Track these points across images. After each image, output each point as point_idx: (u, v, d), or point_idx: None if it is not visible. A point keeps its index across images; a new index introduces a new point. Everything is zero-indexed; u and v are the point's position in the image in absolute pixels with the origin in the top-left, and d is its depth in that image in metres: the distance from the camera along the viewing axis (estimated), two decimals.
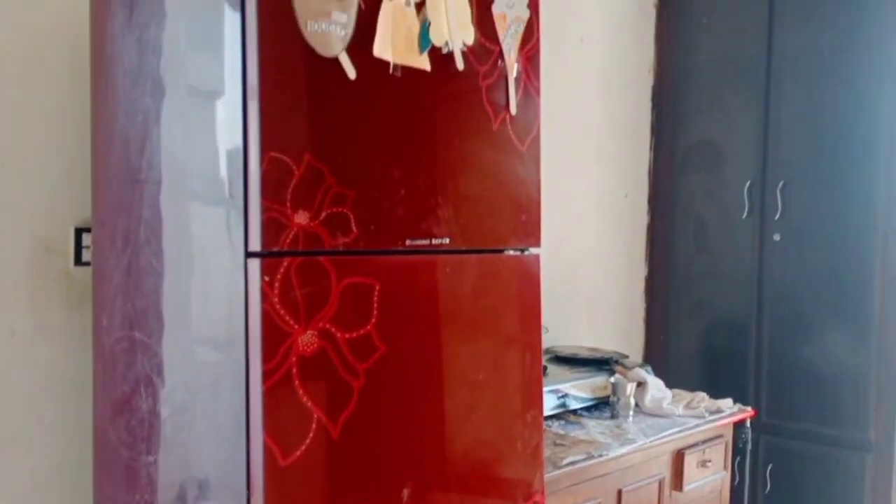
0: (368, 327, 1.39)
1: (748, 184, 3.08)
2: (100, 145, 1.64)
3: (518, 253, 1.66)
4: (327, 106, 1.33)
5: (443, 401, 1.51)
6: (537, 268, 1.68)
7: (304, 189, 1.29)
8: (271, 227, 1.26)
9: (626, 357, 2.84)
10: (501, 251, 1.63)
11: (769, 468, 3.01)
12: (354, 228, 1.36)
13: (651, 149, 3.35)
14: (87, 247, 1.83)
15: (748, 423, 2.69)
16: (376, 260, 1.40)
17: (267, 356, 1.26)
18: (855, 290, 2.88)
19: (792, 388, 3.02)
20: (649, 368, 2.76)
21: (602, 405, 2.55)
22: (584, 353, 2.80)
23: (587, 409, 2.53)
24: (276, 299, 1.27)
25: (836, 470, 2.96)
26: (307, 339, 1.31)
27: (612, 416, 2.46)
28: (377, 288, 1.40)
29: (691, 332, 3.30)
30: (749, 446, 2.70)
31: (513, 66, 1.60)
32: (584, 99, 3.08)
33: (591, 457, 2.09)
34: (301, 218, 1.29)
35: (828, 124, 2.92)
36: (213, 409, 1.38)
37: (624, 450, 2.18)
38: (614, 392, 2.48)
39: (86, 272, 1.84)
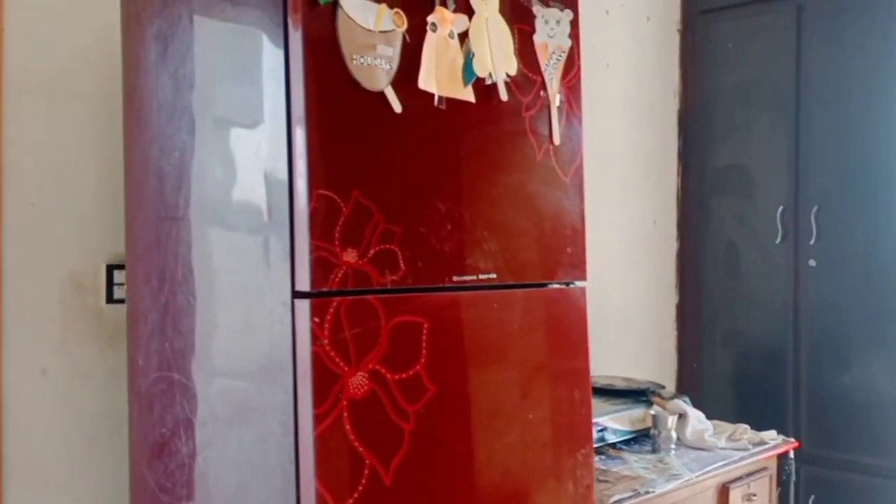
0: (418, 367, 1.34)
1: (781, 209, 3.02)
2: (134, 181, 1.61)
3: (564, 286, 1.61)
4: (373, 141, 1.29)
5: (493, 442, 1.46)
6: (584, 301, 1.63)
7: (353, 226, 1.25)
8: (320, 266, 1.22)
9: (663, 387, 2.77)
10: (547, 285, 1.58)
11: (811, 500, 2.93)
12: (402, 265, 1.32)
13: (678, 174, 3.31)
14: (119, 284, 1.80)
15: (791, 455, 2.61)
16: (424, 297, 1.36)
17: (318, 399, 1.22)
18: (895, 315, 2.81)
19: (833, 417, 2.94)
20: (687, 399, 2.69)
21: (641, 438, 2.48)
22: (620, 384, 2.73)
23: (626, 441, 2.46)
24: (326, 340, 1.22)
25: (881, 500, 2.87)
26: (357, 382, 1.26)
27: (654, 450, 2.39)
28: (425, 326, 1.35)
29: (725, 360, 3.24)
30: (793, 478, 2.62)
31: (555, 96, 1.56)
32: (610, 124, 3.04)
33: (637, 494, 2.02)
34: (350, 256, 1.25)
35: (860, 146, 2.88)
36: (259, 455, 1.33)
37: (670, 486, 2.11)
38: (655, 425, 2.41)
39: (117, 310, 1.80)
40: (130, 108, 1.61)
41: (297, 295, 1.24)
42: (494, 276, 1.46)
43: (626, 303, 3.14)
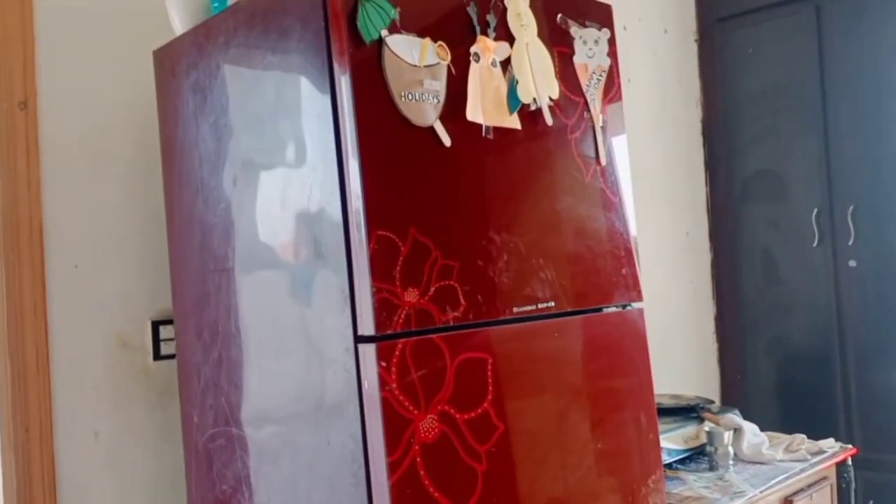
0: (486, 405, 1.30)
1: (815, 211, 2.98)
2: (178, 236, 1.59)
3: (622, 308, 1.58)
4: (426, 176, 1.27)
5: (566, 477, 1.42)
6: (642, 322, 1.59)
7: (412, 265, 1.22)
8: (383, 308, 1.18)
9: (712, 402, 2.72)
10: (605, 308, 1.55)
11: None
12: (462, 301, 1.29)
13: (706, 183, 3.27)
14: (166, 340, 1.77)
15: (849, 462, 2.55)
16: (486, 332, 1.33)
17: (390, 447, 1.18)
18: None
19: (885, 419, 2.88)
20: (737, 412, 2.64)
21: (696, 456, 2.43)
22: (668, 402, 2.68)
23: (681, 461, 2.40)
24: (394, 385, 1.19)
25: None
26: (428, 425, 1.22)
27: (711, 468, 2.33)
28: (490, 361, 1.32)
29: (769, 368, 3.18)
30: (853, 486, 2.55)
31: (598, 116, 1.54)
32: (635, 139, 3.01)
33: None
34: (411, 296, 1.22)
35: (892, 141, 2.83)
36: None
37: None
38: (710, 442, 2.36)
39: (165, 367, 1.77)
40: (170, 162, 1.60)
41: (360, 339, 1.20)
42: (553, 304, 1.43)
43: (664, 318, 3.10)
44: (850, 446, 2.53)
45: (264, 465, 1.40)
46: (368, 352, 1.19)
